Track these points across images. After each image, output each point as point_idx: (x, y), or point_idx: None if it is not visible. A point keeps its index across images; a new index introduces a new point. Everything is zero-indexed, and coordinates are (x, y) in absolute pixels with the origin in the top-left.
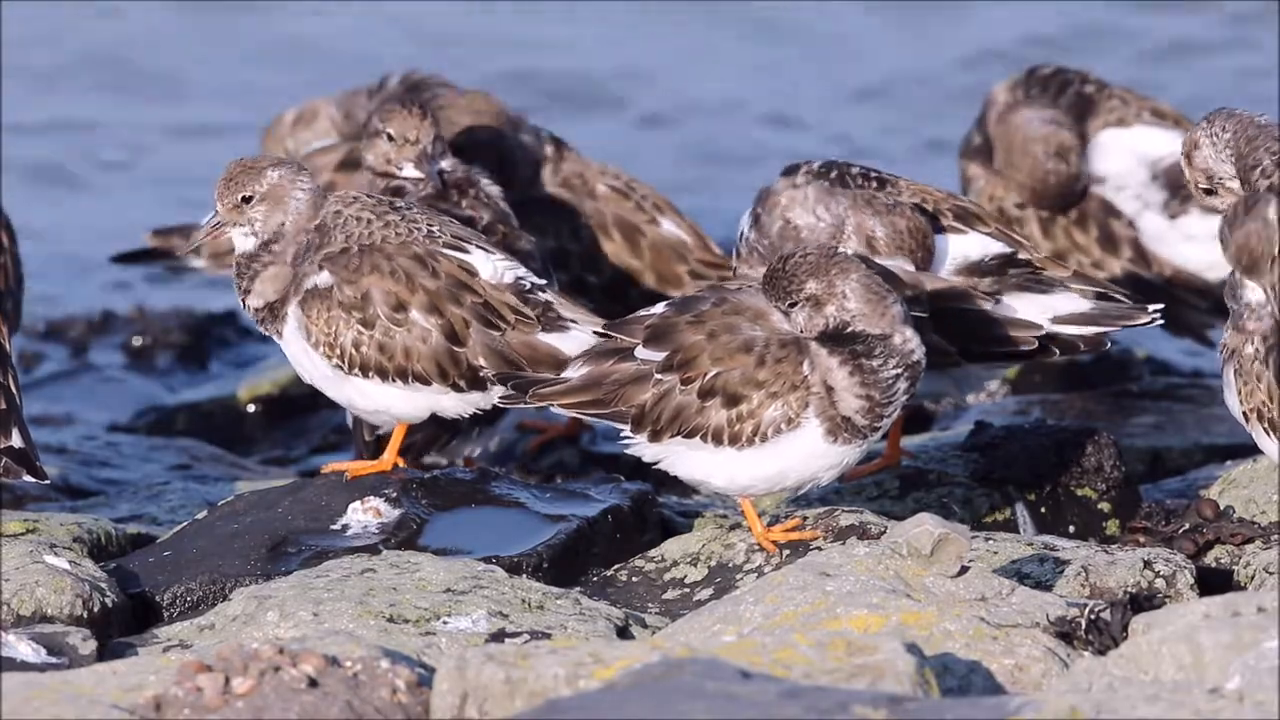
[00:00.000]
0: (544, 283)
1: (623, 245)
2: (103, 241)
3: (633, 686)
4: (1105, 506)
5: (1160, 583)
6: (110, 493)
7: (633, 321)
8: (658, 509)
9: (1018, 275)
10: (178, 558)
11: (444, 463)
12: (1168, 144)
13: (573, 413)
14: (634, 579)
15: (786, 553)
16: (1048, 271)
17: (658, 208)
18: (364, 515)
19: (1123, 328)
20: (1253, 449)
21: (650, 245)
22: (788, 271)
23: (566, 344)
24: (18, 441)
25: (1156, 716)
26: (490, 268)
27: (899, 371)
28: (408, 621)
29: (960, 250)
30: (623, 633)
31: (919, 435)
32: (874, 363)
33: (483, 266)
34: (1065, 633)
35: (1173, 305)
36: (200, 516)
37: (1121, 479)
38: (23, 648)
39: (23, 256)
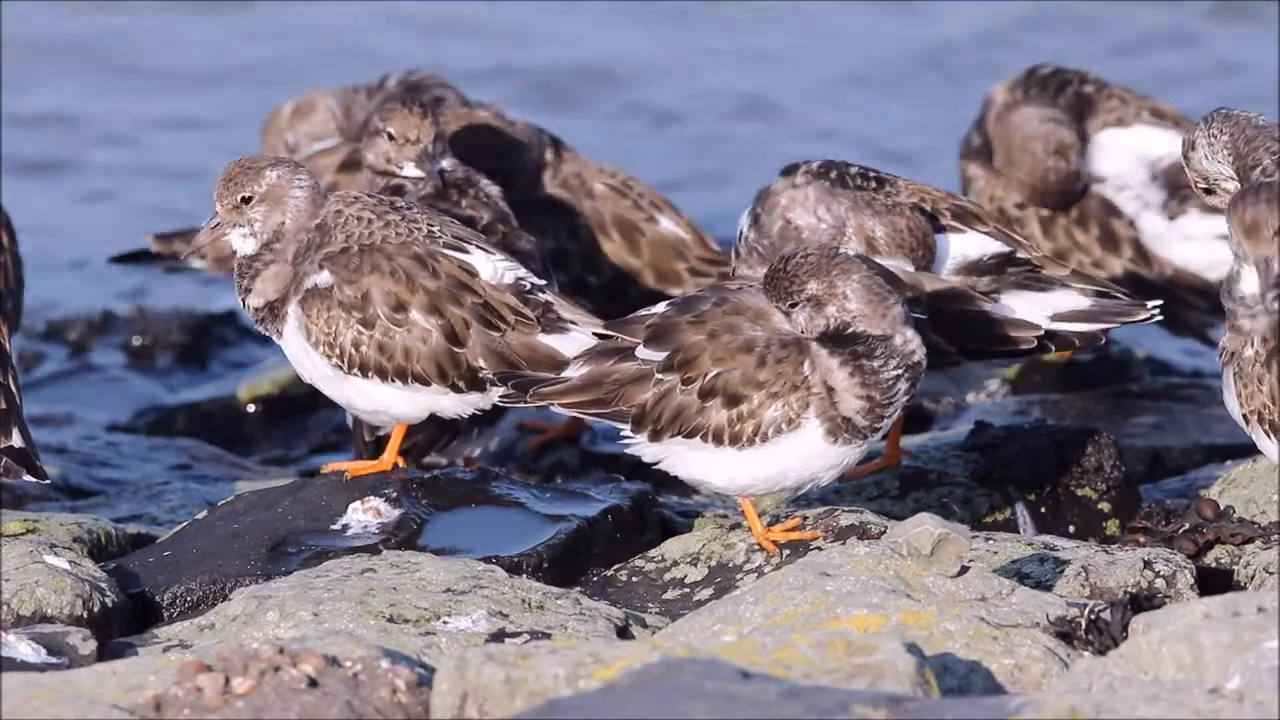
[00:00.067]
0: (544, 283)
1: (622, 244)
2: (103, 241)
3: (633, 686)
4: (1105, 506)
5: (1160, 583)
6: (110, 493)
7: (633, 321)
8: (658, 509)
9: (1016, 274)
10: (178, 558)
11: (444, 463)
12: (1167, 144)
13: (573, 412)
14: (634, 579)
15: (786, 553)
16: (1046, 270)
17: (655, 206)
18: (364, 515)
19: (1122, 324)
20: (1253, 449)
21: (649, 243)
22: (789, 272)
23: (566, 345)
24: (18, 441)
25: (1156, 716)
26: (490, 268)
27: (900, 372)
28: (408, 621)
29: (959, 250)
30: (623, 633)
31: (919, 435)
32: (875, 363)
33: (483, 267)
34: (1065, 633)
35: (1174, 304)
36: (200, 516)
37: (1121, 479)
38: (23, 648)
39: (23, 256)
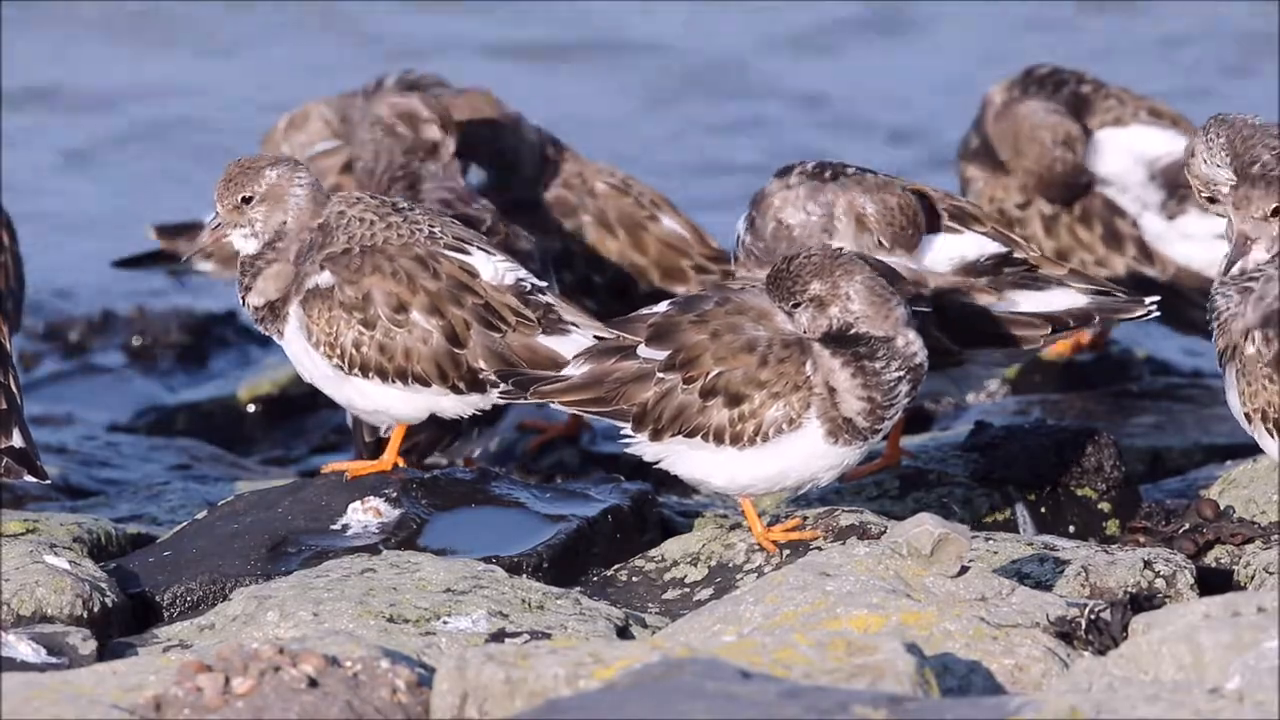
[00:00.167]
0: (545, 284)
1: (627, 242)
2: (104, 240)
3: (633, 686)
4: (1105, 506)
5: (1160, 583)
6: (110, 493)
7: (635, 320)
8: (658, 509)
9: (1013, 274)
10: (178, 558)
11: (444, 463)
12: (1165, 143)
13: (574, 410)
14: (634, 579)
15: (786, 553)
16: (1044, 269)
17: (655, 204)
18: (364, 515)
19: (1120, 321)
20: (1253, 449)
21: (655, 241)
22: (792, 272)
23: (567, 347)
24: (18, 441)
25: (1156, 716)
26: (491, 269)
27: (901, 374)
28: (408, 621)
29: (957, 250)
30: (623, 633)
31: (919, 435)
32: (876, 365)
33: (484, 268)
34: (1065, 633)
35: (1177, 302)
36: (200, 516)
37: (1121, 479)
38: (23, 648)
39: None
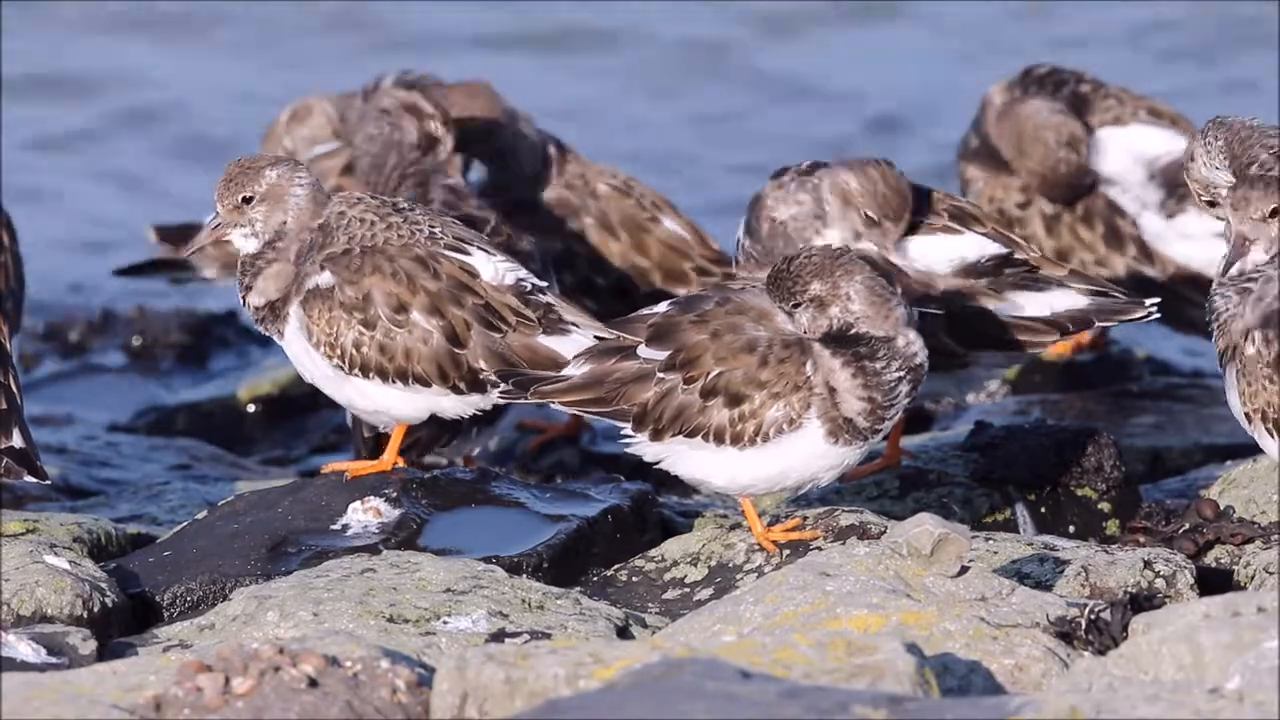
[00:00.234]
0: (545, 284)
1: (629, 244)
2: (103, 238)
3: (633, 686)
4: (1105, 506)
5: (1160, 583)
6: (110, 493)
7: (636, 320)
8: (658, 509)
9: (1014, 275)
10: (178, 558)
11: (444, 463)
12: (1164, 143)
13: (574, 410)
14: (634, 579)
15: (786, 553)
16: (1044, 270)
17: (656, 206)
18: (364, 515)
19: (1120, 322)
20: (1253, 449)
21: (657, 242)
22: (792, 272)
23: (567, 347)
24: (18, 442)
25: (1156, 716)
26: (492, 269)
27: (901, 374)
28: (408, 621)
29: (957, 251)
30: (623, 633)
31: (919, 435)
32: (877, 365)
33: (484, 268)
34: (1065, 633)
35: (1177, 302)
36: (200, 516)
37: (1121, 479)
38: (23, 648)
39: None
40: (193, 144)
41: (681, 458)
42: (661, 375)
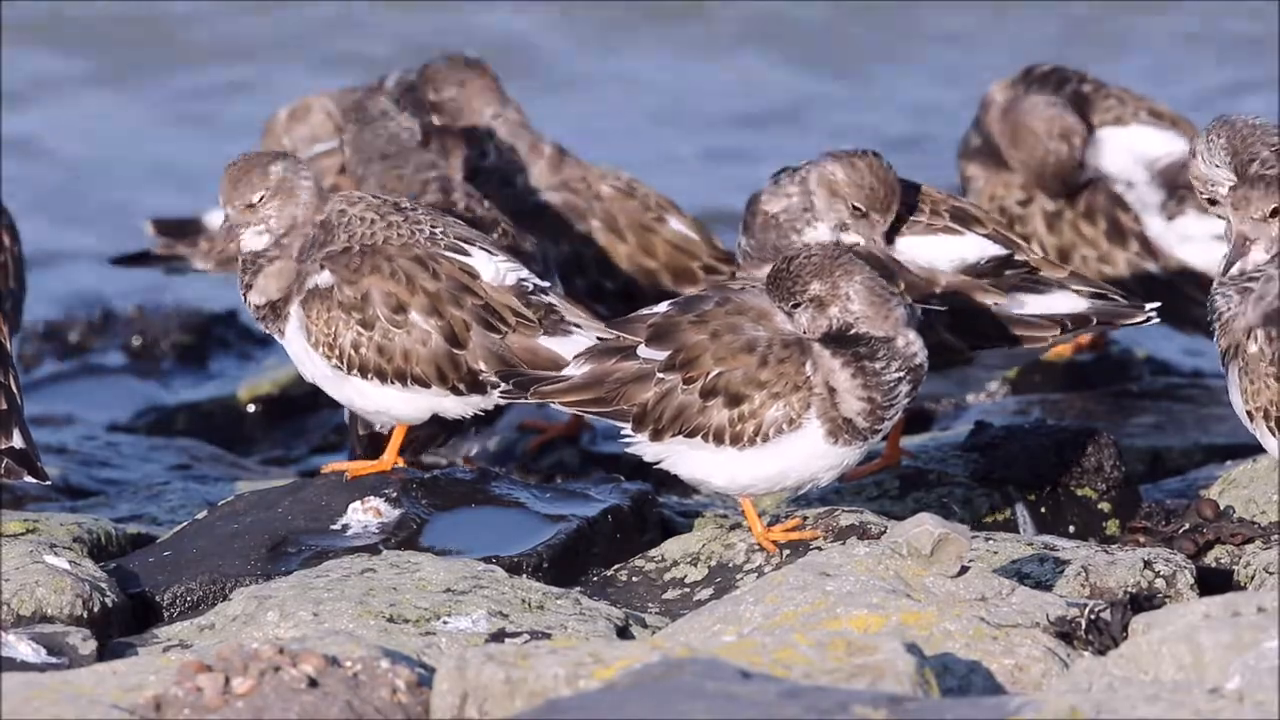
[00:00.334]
0: (547, 285)
1: (636, 246)
2: (104, 238)
3: (633, 686)
4: (1105, 506)
5: (1160, 583)
6: (110, 493)
7: (635, 320)
8: (658, 509)
9: (1014, 276)
10: (178, 558)
11: (444, 463)
12: (1164, 144)
13: (574, 411)
14: (634, 579)
15: (786, 553)
16: (1044, 272)
17: (661, 207)
18: (364, 515)
19: (1120, 326)
20: (1253, 449)
21: (664, 243)
22: (792, 272)
23: (568, 348)
24: (19, 442)
25: (1156, 716)
26: (492, 269)
27: (901, 374)
28: (408, 621)
29: (957, 252)
30: (623, 633)
31: (919, 435)
32: (876, 365)
33: (485, 268)
34: (1065, 633)
35: (1179, 300)
36: (200, 516)
37: (1121, 479)
38: (23, 648)
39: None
40: (192, 143)
41: (681, 458)
42: (661, 375)
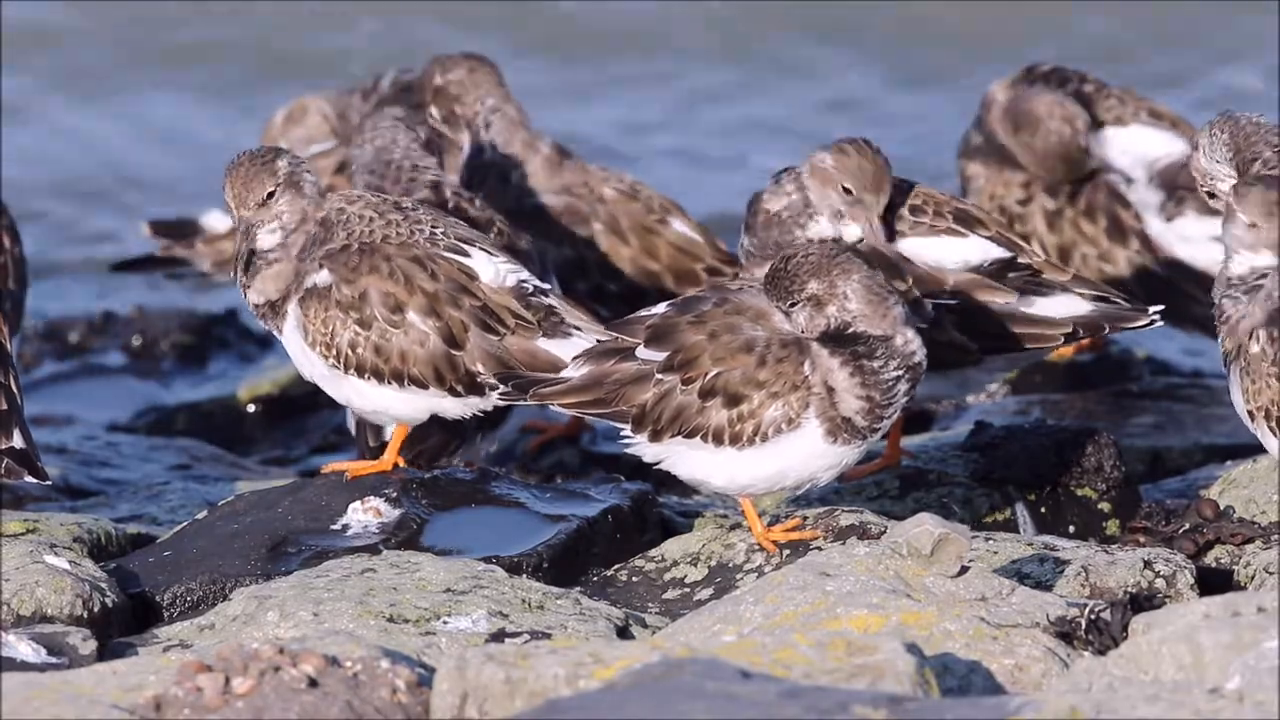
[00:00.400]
0: (548, 287)
1: (639, 248)
2: (104, 237)
3: (633, 686)
4: (1105, 506)
5: (1160, 583)
6: (110, 493)
7: (634, 322)
8: (658, 509)
9: (1017, 279)
10: (178, 558)
11: (444, 463)
12: (1164, 145)
13: (573, 412)
14: (634, 579)
15: (786, 553)
16: (1047, 275)
17: (664, 209)
18: (364, 515)
19: (1123, 330)
20: (1253, 449)
21: (667, 246)
22: (789, 271)
23: (568, 350)
24: (19, 442)
25: (1156, 716)
26: (492, 270)
27: (900, 373)
28: (408, 621)
29: (961, 254)
30: (623, 633)
31: (919, 435)
32: (875, 364)
33: (484, 269)
34: (1065, 633)
35: (1180, 298)
36: (200, 516)
37: (1121, 479)
38: (23, 648)
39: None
40: (191, 141)
41: (681, 458)
42: (660, 376)
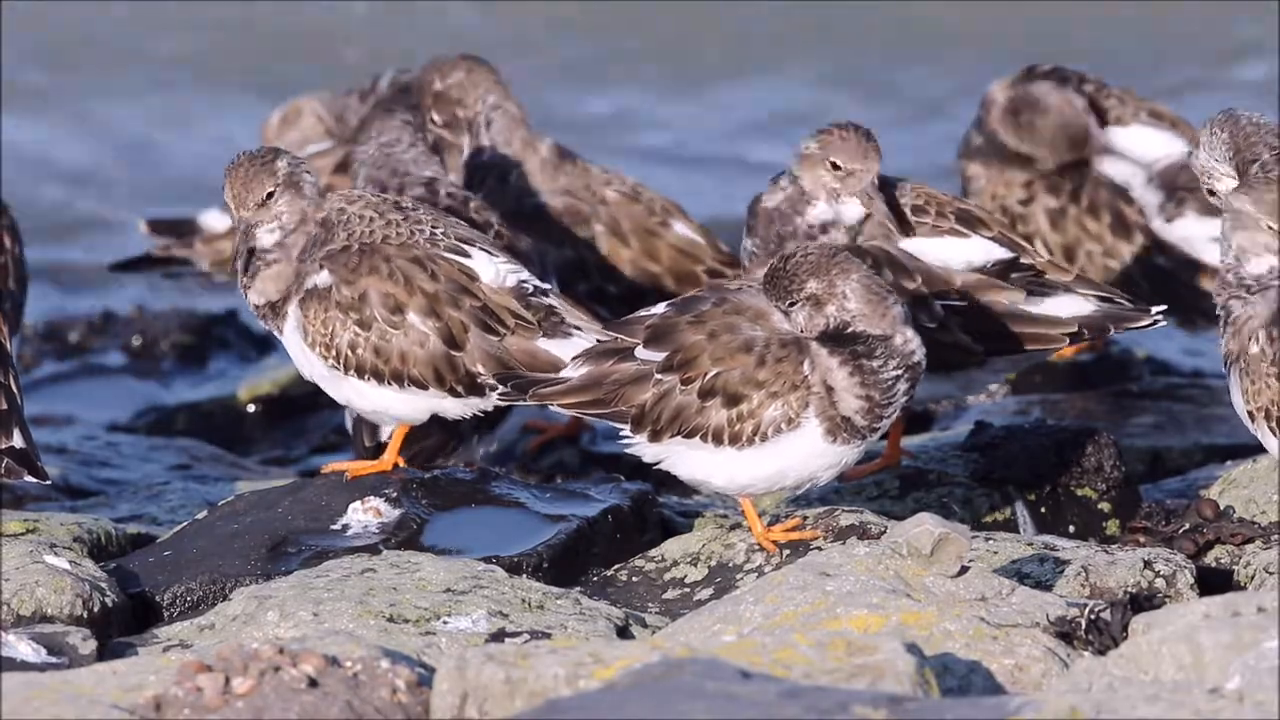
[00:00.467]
0: (548, 287)
1: (639, 251)
2: (104, 238)
3: (633, 686)
4: (1105, 506)
5: (1160, 583)
6: (110, 493)
7: (633, 322)
8: (658, 509)
9: (1019, 279)
10: (178, 558)
11: (441, 463)
12: (1165, 146)
13: (573, 413)
14: (634, 579)
15: (786, 553)
16: (1050, 275)
17: (666, 211)
18: (364, 515)
19: (1127, 330)
20: (1253, 449)
21: (668, 248)
22: (788, 271)
23: (568, 351)
24: (19, 442)
25: (1156, 716)
26: (492, 271)
27: (899, 372)
28: (408, 621)
29: (963, 255)
30: (623, 633)
31: (919, 435)
32: (874, 363)
33: (484, 270)
34: (1065, 633)
35: (1185, 293)
36: (200, 516)
37: (1121, 479)
38: (23, 648)
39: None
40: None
41: (680, 458)
42: (659, 376)
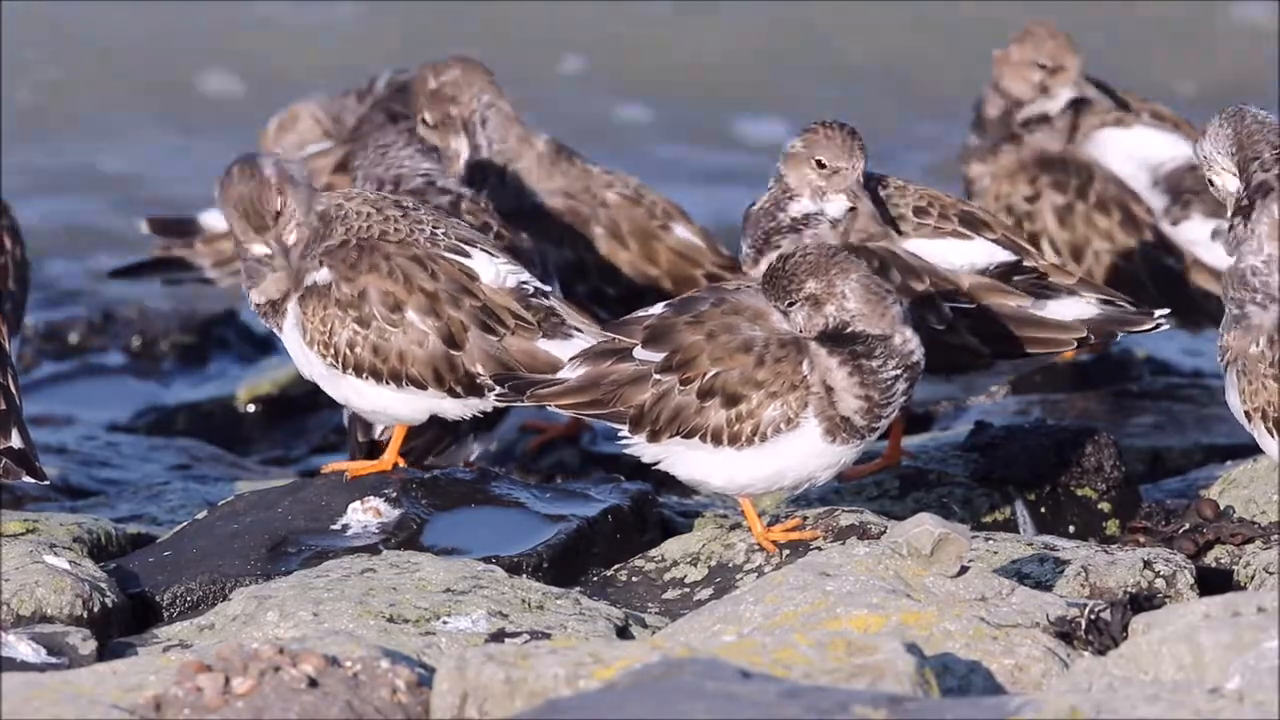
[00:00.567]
0: (548, 288)
1: (638, 253)
2: (104, 238)
3: (633, 686)
4: (1105, 506)
5: (1160, 583)
6: (110, 493)
7: (631, 322)
8: (658, 509)
9: (1022, 282)
10: (178, 558)
11: (443, 463)
12: (1168, 147)
13: (571, 413)
14: (634, 579)
15: (786, 553)
16: (1053, 278)
17: (668, 214)
18: (364, 515)
19: (1131, 333)
20: (1253, 449)
21: (667, 251)
22: (787, 271)
23: (568, 352)
24: (18, 442)
25: (1156, 716)
26: (493, 271)
27: (898, 372)
28: (408, 621)
29: (966, 257)
30: (623, 633)
31: (919, 435)
32: (873, 363)
33: (484, 270)
34: (1065, 633)
35: (1190, 294)
36: (200, 516)
37: (1121, 479)
38: (23, 648)
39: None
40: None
41: (679, 459)
42: (658, 377)
